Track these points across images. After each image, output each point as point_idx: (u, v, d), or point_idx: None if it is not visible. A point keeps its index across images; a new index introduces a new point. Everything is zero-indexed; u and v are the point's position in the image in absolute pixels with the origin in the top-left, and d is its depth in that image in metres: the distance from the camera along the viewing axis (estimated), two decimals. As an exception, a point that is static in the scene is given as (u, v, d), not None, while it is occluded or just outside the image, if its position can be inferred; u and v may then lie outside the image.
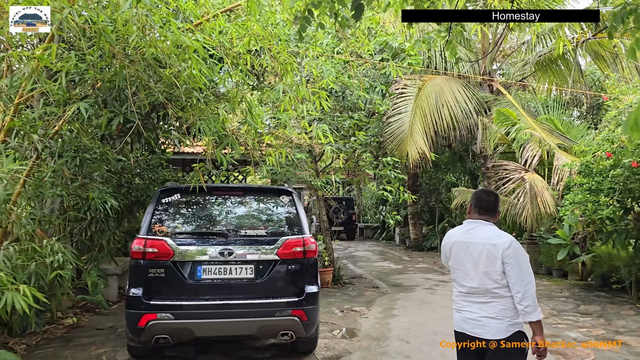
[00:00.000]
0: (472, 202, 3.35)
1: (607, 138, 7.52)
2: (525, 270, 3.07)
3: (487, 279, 3.10)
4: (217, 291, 4.88)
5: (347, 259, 15.38)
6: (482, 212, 3.28)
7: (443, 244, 3.40)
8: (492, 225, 3.25)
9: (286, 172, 8.66)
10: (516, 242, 3.11)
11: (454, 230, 3.37)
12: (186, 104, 5.21)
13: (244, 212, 5.39)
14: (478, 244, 3.14)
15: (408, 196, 8.95)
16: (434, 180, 17.88)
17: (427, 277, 11.43)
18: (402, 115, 10.22)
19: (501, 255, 3.05)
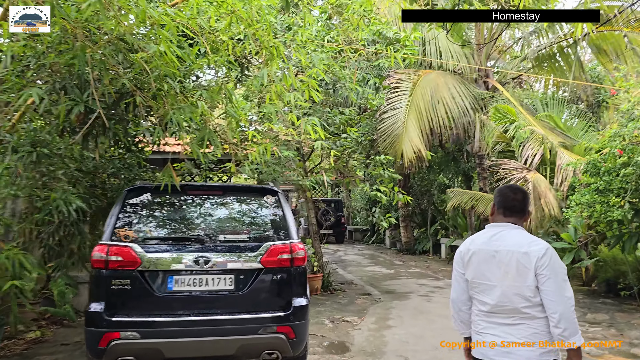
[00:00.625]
0: (496, 201, 2.77)
1: (618, 134, 7.01)
2: (564, 284, 2.50)
3: (515, 296, 2.52)
4: (191, 305, 4.25)
5: (336, 263, 14.78)
6: (509, 214, 2.70)
7: (460, 252, 2.80)
8: (521, 229, 2.67)
9: (272, 172, 8.04)
10: (552, 250, 2.54)
11: (475, 237, 2.78)
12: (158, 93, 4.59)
13: (223, 215, 4.75)
14: (505, 252, 2.56)
15: (403, 197, 8.37)
16: (425, 182, 17.35)
17: (422, 283, 10.86)
18: (396, 111, 9.65)
19: (534, 266, 2.47)
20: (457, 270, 2.80)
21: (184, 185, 4.73)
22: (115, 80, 4.46)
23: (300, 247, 4.54)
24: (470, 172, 15.55)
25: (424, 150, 9.33)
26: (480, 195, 11.07)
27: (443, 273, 12.52)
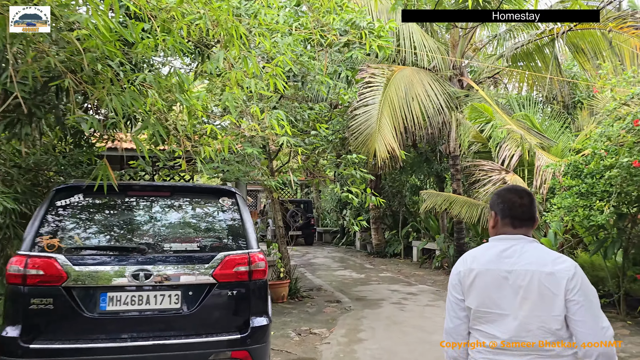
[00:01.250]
0: (498, 209, 2.19)
1: (604, 134, 6.61)
2: (599, 312, 1.97)
3: (538, 329, 1.96)
4: (128, 328, 3.57)
5: (305, 266, 14.17)
6: (518, 223, 2.13)
7: (457, 273, 2.21)
8: (537, 242, 2.11)
9: (236, 171, 7.38)
10: (580, 269, 1.99)
11: (477, 253, 2.20)
12: (97, 78, 3.90)
13: (170, 220, 4.07)
14: (523, 272, 2.00)
15: (376, 199, 7.82)
16: (397, 183, 16.92)
17: (393, 289, 10.35)
18: (369, 108, 9.11)
19: (564, 289, 1.92)
20: (453, 296, 2.22)
21: (124, 184, 4.05)
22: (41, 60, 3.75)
23: (260, 257, 3.91)
24: (443, 173, 15.17)
25: (398, 149, 8.81)
26: (455, 197, 10.64)
27: (415, 278, 12.06)
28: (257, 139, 7.43)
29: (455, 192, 12.15)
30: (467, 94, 11.22)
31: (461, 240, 12.58)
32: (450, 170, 12.71)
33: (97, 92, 3.68)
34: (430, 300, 9.10)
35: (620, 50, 9.11)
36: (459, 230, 12.55)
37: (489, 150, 9.82)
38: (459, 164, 12.45)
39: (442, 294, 9.73)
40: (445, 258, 13.41)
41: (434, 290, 10.16)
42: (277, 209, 9.26)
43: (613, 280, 8.02)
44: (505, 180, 8.29)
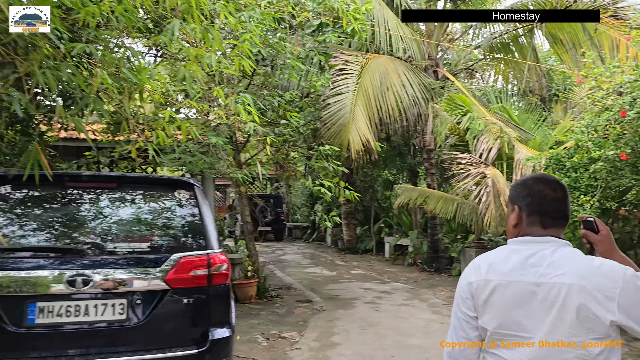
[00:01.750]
0: (524, 203, 1.69)
1: (591, 125, 6.29)
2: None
3: (575, 357, 1.50)
4: (63, 344, 3.01)
5: (274, 264, 13.66)
6: (549, 222, 1.65)
7: (468, 284, 1.72)
8: (570, 246, 1.66)
9: (200, 163, 6.81)
10: (633, 273, 1.53)
11: (493, 258, 1.70)
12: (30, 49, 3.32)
13: (116, 216, 3.50)
14: (557, 286, 1.53)
15: (350, 194, 7.36)
16: (369, 178, 16.54)
17: (367, 287, 9.94)
18: (342, 97, 8.64)
19: (617, 306, 1.46)
20: (462, 312, 1.73)
21: (61, 174, 3.46)
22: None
23: (221, 258, 3.39)
24: (417, 167, 14.86)
25: (373, 140, 8.37)
26: (430, 192, 10.29)
27: (388, 275, 11.69)
28: (222, 128, 6.87)
29: (430, 186, 11.82)
30: (442, 85, 10.88)
31: (435, 237, 12.28)
32: (424, 165, 12.39)
33: (25, 65, 3.09)
34: (405, 299, 8.72)
35: (599, 42, 8.88)
36: (433, 226, 12.23)
37: (466, 143, 9.49)
38: (433, 158, 12.12)
39: (416, 292, 9.37)
40: (419, 254, 13.09)
41: (408, 289, 9.79)
42: (244, 203, 8.71)
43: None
44: (486, 174, 7.96)
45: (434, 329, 6.73)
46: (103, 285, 3.06)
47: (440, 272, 11.81)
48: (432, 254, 12.27)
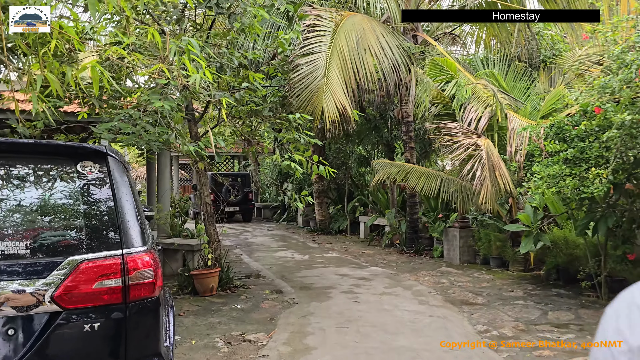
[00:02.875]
0: None
1: (606, 86, 5.38)
2: None
3: None
4: None
5: (241, 247, 12.61)
6: None
7: (628, 348, 0.72)
8: None
9: (144, 134, 5.65)
10: None
11: None
12: None
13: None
14: None
15: (325, 169, 6.34)
16: (342, 154, 15.54)
17: (343, 273, 9.00)
18: (315, 57, 7.53)
19: None
20: None
21: None
22: None
23: (145, 261, 2.33)
24: (393, 142, 13.91)
25: (350, 107, 7.32)
26: (412, 167, 9.36)
27: (365, 258, 10.79)
28: (173, 93, 5.72)
29: (409, 162, 10.90)
30: (423, 49, 9.86)
31: (414, 216, 11.42)
32: (402, 138, 11.44)
33: None
34: (387, 287, 7.81)
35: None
36: (412, 204, 11.36)
37: (451, 112, 8.55)
38: (412, 131, 11.18)
39: (398, 278, 8.48)
40: (397, 235, 12.23)
41: (388, 274, 8.90)
42: (203, 182, 7.59)
43: (594, 259, 7.00)
44: (479, 145, 7.03)
45: (424, 324, 5.83)
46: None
47: (420, 254, 10.98)
48: (412, 234, 11.42)
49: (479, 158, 6.88)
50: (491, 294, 7.35)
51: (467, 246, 9.78)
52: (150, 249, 2.40)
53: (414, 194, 11.31)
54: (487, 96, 8.10)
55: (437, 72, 8.44)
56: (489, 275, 8.60)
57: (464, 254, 9.77)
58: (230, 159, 27.98)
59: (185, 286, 7.51)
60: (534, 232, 6.84)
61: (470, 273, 8.82)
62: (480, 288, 7.70)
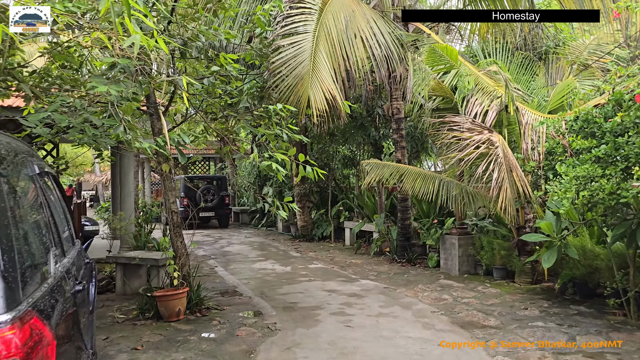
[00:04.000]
0: None
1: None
2: None
3: None
4: None
5: (216, 257, 11.46)
6: None
7: None
8: None
9: (87, 127, 4.53)
10: None
11: None
12: None
13: None
14: None
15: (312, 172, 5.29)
16: (324, 155, 14.51)
17: (330, 289, 7.95)
18: (299, 39, 6.47)
19: None
20: None
21: None
22: None
23: (6, 339, 1.23)
24: (382, 141, 12.91)
25: (340, 97, 6.27)
26: (406, 168, 8.37)
27: (353, 269, 9.77)
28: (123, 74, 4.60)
29: (400, 162, 9.93)
30: (416, 38, 8.90)
31: (406, 221, 10.44)
32: (392, 137, 10.46)
33: None
34: (383, 306, 6.80)
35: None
36: (403, 209, 10.39)
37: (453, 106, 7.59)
38: (404, 129, 10.21)
39: (394, 294, 7.48)
40: (386, 242, 11.25)
41: (382, 289, 7.89)
42: (168, 187, 6.47)
43: (621, 273, 6.08)
44: (493, 141, 6.05)
45: (434, 357, 4.82)
46: None
47: (413, 264, 10.00)
48: (403, 241, 10.44)
49: (494, 157, 5.90)
50: (503, 312, 6.39)
51: (467, 255, 8.83)
52: (23, 316, 1.33)
53: (406, 197, 10.35)
54: (493, 87, 7.16)
55: (436, 61, 7.49)
56: (495, 289, 7.65)
57: (463, 264, 8.82)
58: (205, 161, 26.72)
59: (148, 309, 6.38)
60: (556, 243, 5.89)
61: (474, 286, 7.86)
62: (489, 306, 6.74)
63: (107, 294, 7.79)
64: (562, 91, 7.66)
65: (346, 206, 14.17)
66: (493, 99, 6.93)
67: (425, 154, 12.45)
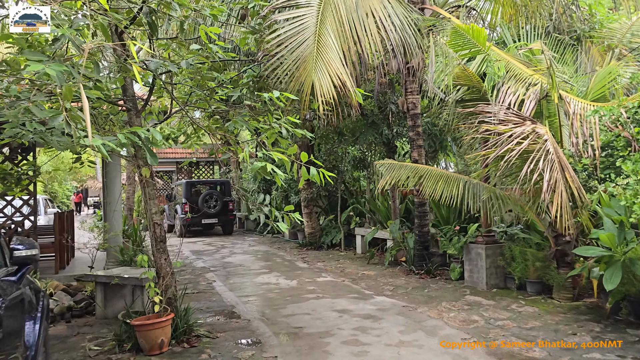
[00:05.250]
0: None
1: None
2: None
3: None
4: None
5: (216, 270, 10.47)
6: None
7: None
8: None
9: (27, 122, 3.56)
10: None
11: None
12: None
13: None
14: None
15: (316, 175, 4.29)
16: (332, 156, 13.49)
17: (342, 308, 6.93)
18: (301, 14, 5.46)
19: None
20: None
21: None
22: None
23: None
24: (395, 140, 11.87)
25: (351, 84, 5.25)
26: (427, 169, 7.34)
27: (366, 282, 8.74)
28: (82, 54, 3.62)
29: (417, 162, 8.91)
30: (434, 22, 7.88)
31: (424, 228, 9.41)
32: (408, 134, 9.43)
33: None
34: (403, 331, 5.77)
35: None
36: (421, 214, 9.36)
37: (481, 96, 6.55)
38: (420, 125, 9.19)
39: (415, 316, 6.45)
40: (401, 251, 10.22)
41: (400, 308, 6.86)
42: (148, 195, 5.50)
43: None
44: (539, 133, 4.99)
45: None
46: None
47: (433, 275, 8.96)
48: (421, 250, 9.40)
49: (543, 153, 4.85)
50: (548, 338, 5.33)
51: (495, 267, 7.78)
52: None
53: (424, 201, 9.31)
54: (528, 74, 6.13)
55: (460, 45, 6.47)
56: (532, 308, 6.59)
57: (491, 277, 7.77)
58: (209, 165, 25.81)
59: (126, 339, 5.39)
60: (619, 258, 4.83)
61: (507, 304, 6.80)
62: (529, 330, 5.69)
63: (87, 317, 6.84)
64: (605, 78, 6.60)
65: (357, 211, 13.15)
66: (529, 86, 5.91)
67: (444, 153, 11.40)
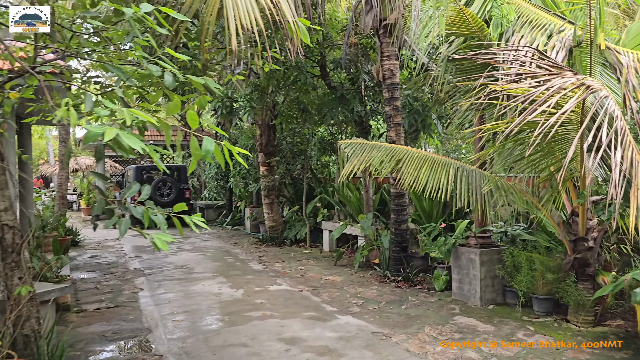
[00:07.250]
0: None
1: None
2: None
3: None
4: None
5: (150, 273, 8.59)
6: None
7: None
8: None
9: None
10: None
11: None
12: None
13: None
14: None
15: (217, 151, 2.51)
16: (298, 139, 11.67)
17: (292, 336, 5.17)
18: None
19: None
20: None
21: None
22: None
23: None
24: (369, 118, 10.08)
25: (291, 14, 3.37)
26: (406, 150, 5.59)
27: (329, 293, 7.00)
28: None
29: (394, 143, 7.17)
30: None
31: (402, 225, 7.71)
32: (384, 109, 7.66)
33: None
34: (372, 380, 4.05)
35: None
36: (399, 207, 7.65)
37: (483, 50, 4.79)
38: (399, 98, 7.44)
39: (388, 349, 4.73)
40: (374, 251, 8.52)
41: (369, 335, 5.14)
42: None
43: None
44: (593, 87, 3.21)
45: None
46: None
47: (413, 284, 7.29)
48: (398, 251, 7.71)
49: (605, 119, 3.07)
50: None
51: (492, 277, 6.12)
52: None
53: (402, 192, 7.61)
54: (548, 19, 4.40)
55: (454, -19, 4.71)
56: (545, 336, 4.93)
57: (487, 290, 6.12)
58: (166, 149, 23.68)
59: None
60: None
61: (511, 332, 5.13)
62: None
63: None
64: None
65: (324, 202, 11.39)
66: (552, 33, 4.21)
67: (427, 134, 9.66)
